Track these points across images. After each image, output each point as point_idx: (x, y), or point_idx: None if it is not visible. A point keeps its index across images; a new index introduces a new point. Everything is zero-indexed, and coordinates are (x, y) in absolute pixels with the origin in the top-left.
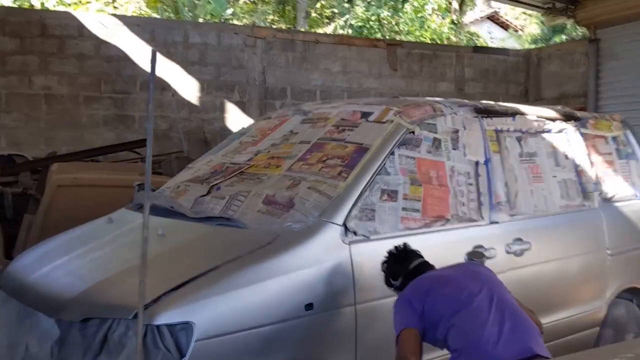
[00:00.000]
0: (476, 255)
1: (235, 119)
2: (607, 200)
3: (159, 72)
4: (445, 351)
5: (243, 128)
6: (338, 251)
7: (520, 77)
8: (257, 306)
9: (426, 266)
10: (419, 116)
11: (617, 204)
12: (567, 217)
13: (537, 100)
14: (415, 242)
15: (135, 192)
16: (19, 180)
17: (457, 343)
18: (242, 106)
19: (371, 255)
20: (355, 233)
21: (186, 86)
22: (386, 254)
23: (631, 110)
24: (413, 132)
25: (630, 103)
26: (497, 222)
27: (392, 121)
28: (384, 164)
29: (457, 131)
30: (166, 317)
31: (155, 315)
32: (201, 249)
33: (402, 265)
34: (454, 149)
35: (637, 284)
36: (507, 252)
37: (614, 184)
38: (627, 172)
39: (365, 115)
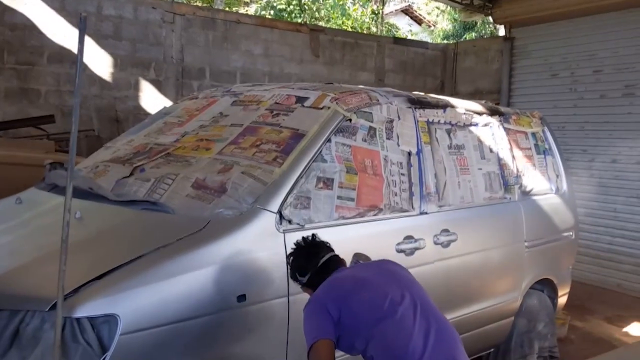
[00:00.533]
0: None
1: (151, 97)
2: (526, 194)
3: (68, 45)
4: None
5: (166, 107)
6: (272, 240)
7: (438, 70)
8: (186, 297)
9: (337, 261)
10: (355, 104)
11: (534, 198)
12: (490, 209)
13: (452, 95)
14: (349, 232)
15: (46, 171)
16: None
17: (380, 355)
18: (158, 85)
19: None
20: (290, 221)
21: (98, 61)
22: (294, 246)
23: (541, 108)
24: (350, 120)
25: (540, 101)
26: (426, 213)
27: (329, 107)
28: (321, 151)
29: (391, 121)
30: (87, 309)
31: (76, 307)
32: (124, 234)
33: (312, 260)
34: (388, 138)
35: (550, 276)
36: (435, 243)
37: (532, 178)
38: (544, 167)
39: (300, 100)
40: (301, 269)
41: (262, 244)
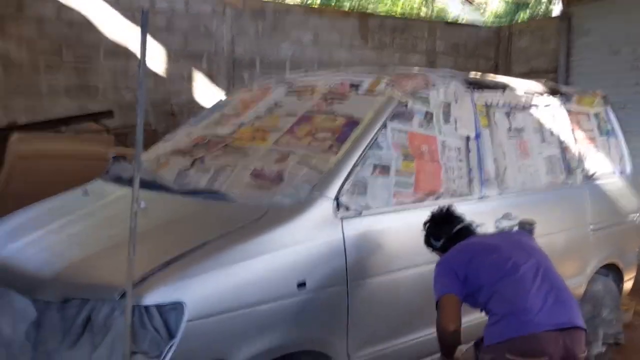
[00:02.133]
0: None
1: (203, 90)
2: (589, 177)
3: (123, 40)
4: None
5: (222, 100)
6: (330, 227)
7: (491, 52)
8: (248, 285)
9: (469, 231)
10: (411, 88)
11: (598, 181)
12: (553, 194)
13: (507, 75)
14: (407, 218)
15: (110, 163)
16: None
17: (499, 308)
18: (210, 77)
19: (363, 231)
20: (347, 208)
21: (152, 55)
22: (430, 214)
23: (601, 87)
24: (406, 105)
25: (600, 80)
26: (486, 198)
27: (384, 93)
28: (376, 138)
29: (448, 104)
30: (155, 297)
31: (144, 295)
32: (187, 224)
33: (445, 228)
34: (446, 123)
35: (615, 260)
36: (497, 228)
37: (595, 161)
38: (607, 149)
39: (354, 86)
40: (435, 235)
41: (320, 231)
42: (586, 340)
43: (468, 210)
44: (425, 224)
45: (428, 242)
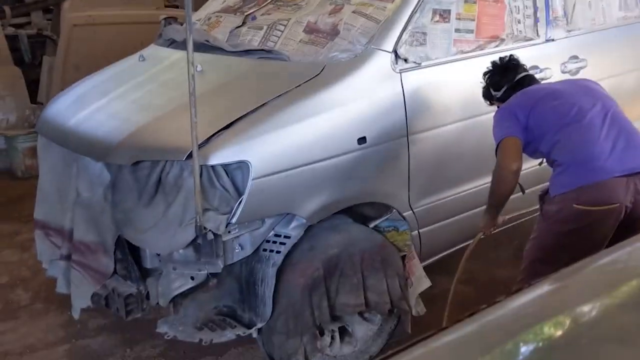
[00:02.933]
0: None
1: None
2: None
3: None
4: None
5: None
6: (389, 81)
7: None
8: (310, 142)
9: (532, 80)
10: None
11: None
12: (625, 30)
13: None
14: (469, 67)
15: (162, 26)
16: (32, 21)
17: (565, 157)
18: None
19: (423, 83)
20: (406, 60)
21: None
22: (491, 63)
23: None
24: None
25: None
26: (553, 40)
27: None
28: None
29: None
30: (221, 157)
31: (209, 155)
32: (245, 84)
33: (509, 75)
34: None
35: None
36: (563, 72)
37: None
38: None
39: None
40: (496, 84)
41: (379, 85)
42: None
43: (533, 54)
44: (485, 74)
45: (487, 93)
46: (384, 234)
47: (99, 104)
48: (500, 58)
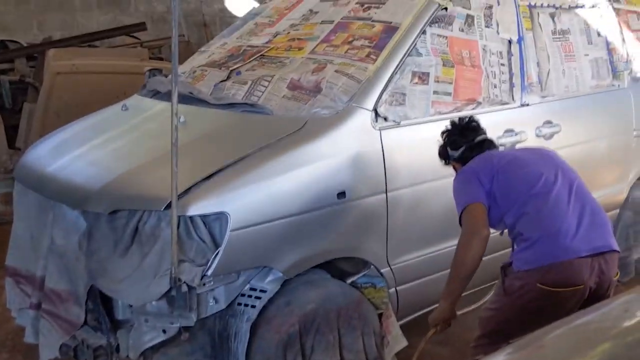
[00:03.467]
0: None
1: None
2: (637, 80)
3: None
4: None
5: (255, 8)
6: (369, 137)
7: None
8: (290, 194)
9: (491, 144)
10: None
11: None
12: (597, 98)
13: None
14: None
15: (146, 77)
16: (15, 67)
17: (531, 232)
18: None
19: (402, 141)
20: (385, 119)
21: None
22: (450, 123)
23: None
24: (446, 9)
25: None
26: (527, 105)
27: None
28: (415, 44)
29: (490, 7)
30: (199, 208)
31: (188, 206)
32: (227, 136)
33: (467, 137)
34: (487, 26)
35: None
36: (537, 136)
37: None
38: None
39: None
40: (454, 143)
41: (359, 141)
42: (627, 246)
43: (508, 118)
44: (443, 132)
45: (444, 152)
46: (361, 291)
47: (79, 152)
48: (460, 118)
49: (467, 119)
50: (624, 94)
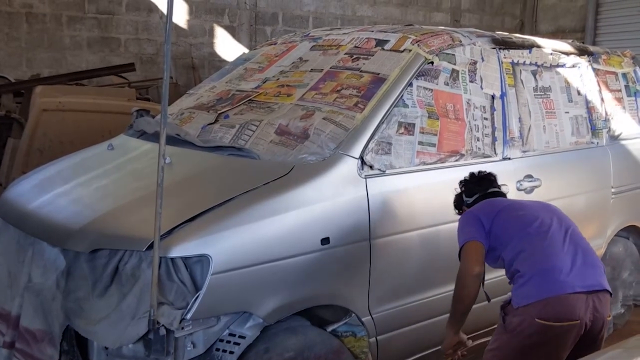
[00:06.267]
0: None
1: (225, 44)
2: (615, 138)
3: None
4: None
5: (245, 53)
6: (354, 185)
7: (517, 9)
8: (273, 239)
9: (501, 195)
10: (437, 46)
11: (623, 142)
12: (576, 154)
13: (532, 34)
14: (430, 178)
15: (133, 117)
16: (1, 102)
17: (528, 268)
18: (232, 31)
19: (387, 190)
20: (371, 167)
21: (174, 8)
22: (469, 173)
23: (629, 47)
24: (432, 63)
25: (629, 39)
26: (509, 159)
27: (410, 50)
28: (402, 96)
29: (474, 63)
30: (181, 250)
31: (170, 247)
32: (213, 179)
33: (482, 185)
34: (471, 81)
35: (636, 222)
36: (518, 189)
37: (621, 122)
38: (634, 110)
39: (380, 43)
40: (470, 190)
41: (345, 189)
42: None
43: (490, 170)
44: (462, 181)
45: (459, 200)
46: (342, 339)
47: (63, 189)
48: (480, 170)
49: (485, 172)
50: (602, 152)
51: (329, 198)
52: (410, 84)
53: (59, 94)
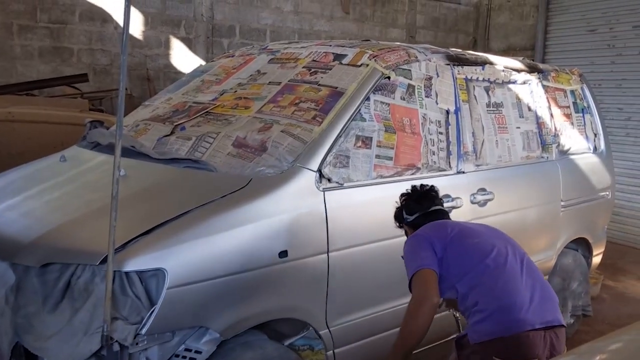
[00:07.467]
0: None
1: (181, 56)
2: (564, 153)
3: (98, 2)
4: None
5: (202, 65)
6: (312, 198)
7: (470, 27)
8: (230, 253)
9: (445, 215)
10: (394, 61)
11: (572, 157)
12: (527, 169)
13: (485, 52)
14: (387, 191)
15: (86, 129)
16: None
17: (487, 303)
18: (188, 43)
19: (344, 203)
20: (329, 180)
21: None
22: (410, 188)
23: (577, 65)
24: (389, 78)
25: (576, 58)
26: (463, 172)
27: (367, 65)
28: (359, 110)
29: (430, 78)
30: (136, 264)
31: (125, 261)
32: (168, 192)
33: (423, 204)
34: (427, 96)
35: (585, 235)
36: (472, 202)
37: (570, 137)
38: (582, 126)
39: (338, 57)
40: (410, 208)
41: (303, 202)
42: None
43: (445, 184)
44: (402, 195)
45: (399, 215)
46: (299, 353)
47: (12, 202)
48: (422, 185)
49: (427, 187)
50: (552, 166)
51: (286, 211)
52: (367, 98)
53: (9, 104)
